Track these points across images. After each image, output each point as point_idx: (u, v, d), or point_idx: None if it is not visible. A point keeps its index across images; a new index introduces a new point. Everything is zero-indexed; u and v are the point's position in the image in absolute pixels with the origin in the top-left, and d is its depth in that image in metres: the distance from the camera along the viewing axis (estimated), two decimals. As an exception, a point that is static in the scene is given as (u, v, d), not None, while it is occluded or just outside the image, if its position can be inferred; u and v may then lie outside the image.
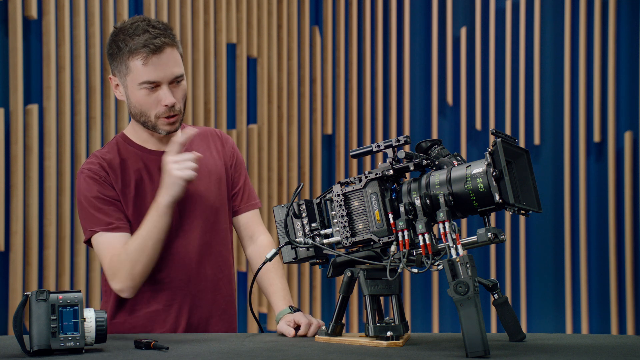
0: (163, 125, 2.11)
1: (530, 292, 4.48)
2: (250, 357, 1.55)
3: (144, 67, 2.05)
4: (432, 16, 4.68)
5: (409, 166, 1.71)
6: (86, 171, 2.13)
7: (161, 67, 2.06)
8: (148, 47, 2.04)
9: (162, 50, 2.05)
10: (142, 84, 2.06)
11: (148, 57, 2.04)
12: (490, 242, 1.64)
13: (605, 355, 1.58)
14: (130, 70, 2.07)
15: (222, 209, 2.24)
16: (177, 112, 2.11)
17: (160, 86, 2.07)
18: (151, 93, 2.07)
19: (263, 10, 4.46)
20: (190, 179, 2.02)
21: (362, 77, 4.76)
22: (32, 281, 3.52)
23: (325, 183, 4.68)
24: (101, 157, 2.15)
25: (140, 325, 2.15)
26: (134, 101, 2.10)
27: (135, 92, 2.08)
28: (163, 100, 2.07)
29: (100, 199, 2.10)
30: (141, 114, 2.11)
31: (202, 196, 2.19)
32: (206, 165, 2.23)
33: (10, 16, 3.51)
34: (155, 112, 2.09)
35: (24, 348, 1.59)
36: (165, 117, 2.10)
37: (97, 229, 2.09)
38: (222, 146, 2.30)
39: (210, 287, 2.21)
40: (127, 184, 2.14)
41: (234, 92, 4.36)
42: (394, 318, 1.74)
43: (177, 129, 2.15)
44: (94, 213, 2.10)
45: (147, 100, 2.08)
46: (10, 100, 3.51)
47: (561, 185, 4.46)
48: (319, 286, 4.57)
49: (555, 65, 4.51)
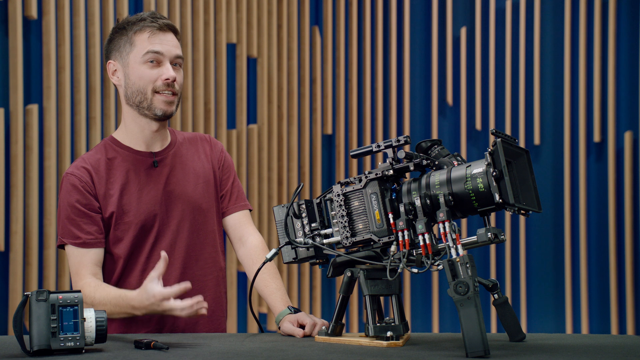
0: (159, 104, 2.13)
1: (530, 292, 4.48)
2: (250, 357, 1.55)
3: (149, 39, 2.13)
4: (432, 16, 4.68)
5: (409, 166, 1.72)
6: (70, 176, 2.15)
7: (166, 43, 2.14)
8: (155, 24, 2.13)
9: (167, 31, 2.16)
10: (146, 54, 2.12)
11: (154, 32, 2.13)
12: (490, 242, 1.64)
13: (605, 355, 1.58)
14: (135, 45, 2.13)
15: (210, 211, 2.25)
16: (176, 91, 2.15)
17: (162, 62, 2.13)
18: (153, 67, 2.13)
19: (263, 10, 4.46)
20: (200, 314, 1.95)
21: (362, 77, 4.76)
22: (32, 281, 3.52)
23: (325, 183, 4.68)
24: (87, 161, 2.17)
25: (124, 324, 2.15)
26: (134, 77, 2.14)
27: (136, 67, 2.13)
28: (164, 74, 2.12)
29: (76, 210, 2.12)
30: (139, 91, 2.14)
31: (190, 198, 2.20)
32: (194, 169, 2.24)
33: (10, 16, 3.51)
34: (153, 86, 2.13)
35: (24, 348, 1.59)
36: (163, 92, 2.12)
37: (66, 241, 2.14)
38: (210, 150, 2.32)
39: (197, 288, 2.21)
40: (112, 185, 2.15)
41: (234, 92, 4.36)
42: (394, 318, 1.74)
43: (173, 113, 2.18)
44: (66, 223, 2.13)
45: (148, 73, 2.13)
46: (10, 100, 3.51)
47: (561, 185, 4.46)
48: (319, 286, 4.57)
49: (555, 65, 4.51)
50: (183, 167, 2.23)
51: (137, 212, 2.15)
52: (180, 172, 2.22)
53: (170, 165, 2.21)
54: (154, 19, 2.14)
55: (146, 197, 2.16)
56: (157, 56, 2.12)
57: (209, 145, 2.33)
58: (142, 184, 2.16)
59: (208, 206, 2.25)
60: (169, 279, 2.17)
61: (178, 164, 2.23)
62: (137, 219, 2.14)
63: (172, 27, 2.18)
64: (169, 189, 2.19)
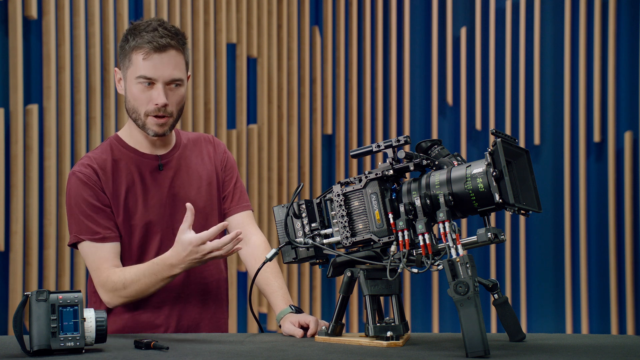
0: (151, 125, 2.12)
1: (530, 292, 4.48)
2: (250, 357, 1.55)
3: (143, 62, 2.07)
4: (432, 16, 4.68)
5: (409, 166, 1.72)
6: (78, 173, 2.13)
7: (160, 66, 2.07)
8: (151, 44, 2.06)
9: (165, 51, 2.08)
10: (138, 78, 2.08)
11: (149, 54, 2.07)
12: (490, 242, 1.64)
13: (605, 355, 1.58)
14: (132, 63, 2.09)
15: (212, 213, 2.26)
16: (168, 114, 2.11)
17: (155, 85, 2.09)
18: (146, 90, 2.09)
19: (263, 10, 4.46)
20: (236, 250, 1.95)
21: (362, 77, 4.76)
22: (32, 281, 3.52)
23: (325, 183, 4.68)
24: (93, 159, 2.15)
25: (128, 327, 2.15)
26: (129, 95, 2.12)
27: (132, 86, 2.10)
28: (154, 99, 2.08)
29: (90, 205, 2.11)
30: (133, 110, 2.13)
31: (193, 200, 2.19)
32: (197, 172, 2.24)
33: (10, 16, 3.51)
34: (145, 109, 2.10)
35: (24, 348, 1.59)
36: (154, 115, 2.10)
37: (83, 237, 2.10)
38: (213, 150, 2.32)
39: (200, 290, 2.22)
40: (118, 187, 2.14)
41: (234, 92, 4.36)
42: (394, 318, 1.74)
43: (166, 133, 2.15)
44: (82, 219, 2.11)
45: (140, 96, 2.09)
46: (10, 100, 3.51)
47: (561, 185, 4.46)
48: (319, 286, 4.57)
49: (555, 65, 4.51)
50: (187, 170, 2.23)
51: (143, 214, 2.14)
52: (185, 175, 2.22)
53: (175, 169, 2.21)
54: (154, 36, 2.06)
55: (151, 200, 2.16)
56: (149, 80, 2.08)
57: (212, 146, 2.33)
58: (147, 186, 2.16)
59: (211, 209, 2.25)
60: (174, 281, 2.16)
61: (183, 167, 2.23)
62: (142, 221, 2.14)
63: (174, 45, 2.09)
64: (174, 192, 2.19)
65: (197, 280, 2.21)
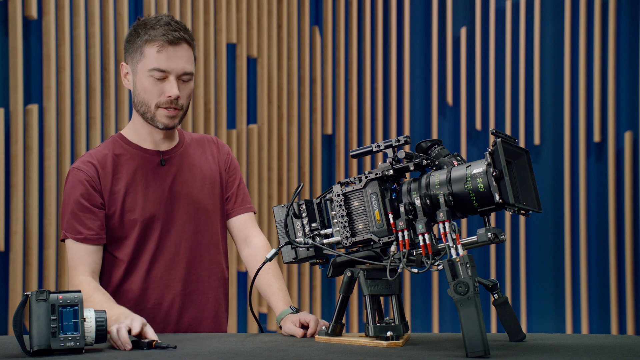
0: (161, 117, 2.12)
1: (530, 292, 4.48)
2: (250, 357, 1.55)
3: (157, 55, 2.08)
4: (432, 16, 4.68)
5: (409, 166, 1.71)
6: (76, 170, 2.15)
7: (174, 59, 2.10)
8: (166, 37, 2.08)
9: (179, 44, 2.10)
10: (151, 71, 2.09)
11: (163, 47, 2.09)
12: (490, 242, 1.64)
13: (605, 355, 1.58)
14: (144, 56, 2.10)
15: (215, 212, 2.26)
16: (179, 107, 2.13)
17: (168, 78, 2.10)
18: (158, 82, 2.10)
19: (263, 10, 4.46)
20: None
21: (362, 77, 4.76)
22: (32, 281, 3.52)
23: (325, 183, 4.68)
24: (94, 155, 2.16)
25: None
26: (140, 88, 2.12)
27: (143, 79, 2.11)
28: (167, 91, 2.10)
29: (79, 205, 2.12)
30: (143, 102, 2.13)
31: (195, 199, 2.20)
32: (201, 170, 2.24)
33: (10, 16, 3.51)
34: (157, 101, 2.11)
35: (24, 348, 1.59)
36: (165, 107, 2.11)
37: (68, 235, 2.13)
38: (217, 151, 2.32)
39: (200, 288, 2.22)
40: (117, 181, 2.15)
41: (234, 92, 4.36)
42: (394, 318, 1.74)
43: (175, 126, 2.16)
44: (69, 218, 2.13)
45: (152, 88, 2.10)
46: (10, 100, 3.51)
47: (561, 185, 4.46)
48: (319, 286, 4.57)
49: (555, 65, 4.51)
50: (190, 167, 2.23)
51: (142, 210, 2.14)
52: (187, 173, 2.22)
53: (177, 165, 2.21)
54: (167, 30, 2.09)
55: (152, 195, 2.16)
56: (162, 73, 2.09)
57: (216, 147, 2.33)
58: (148, 182, 2.16)
59: (213, 208, 2.25)
60: (174, 280, 2.17)
61: (185, 164, 2.23)
62: (142, 217, 2.14)
63: (187, 39, 2.12)
64: (175, 189, 2.19)
65: (197, 280, 2.21)
